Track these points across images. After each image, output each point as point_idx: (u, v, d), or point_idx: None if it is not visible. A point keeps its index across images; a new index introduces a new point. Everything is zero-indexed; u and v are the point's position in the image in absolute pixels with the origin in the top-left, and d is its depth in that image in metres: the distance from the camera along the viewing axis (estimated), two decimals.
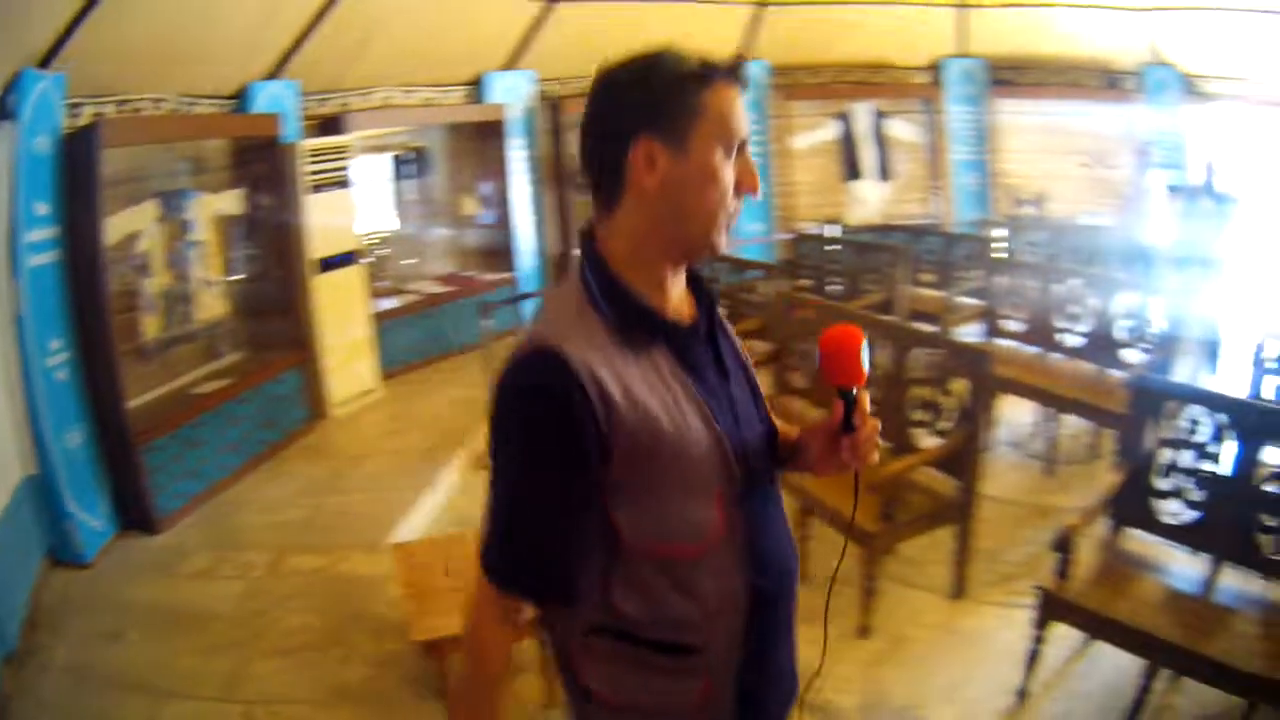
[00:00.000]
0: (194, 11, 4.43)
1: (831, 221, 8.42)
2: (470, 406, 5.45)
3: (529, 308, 7.32)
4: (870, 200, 9.09)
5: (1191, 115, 8.22)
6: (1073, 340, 4.63)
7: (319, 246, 5.49)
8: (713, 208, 1.21)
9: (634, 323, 1.22)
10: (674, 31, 7.01)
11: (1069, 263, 5.62)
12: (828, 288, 6.37)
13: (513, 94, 7.28)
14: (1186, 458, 2.88)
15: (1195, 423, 2.88)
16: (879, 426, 1.32)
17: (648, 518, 1.22)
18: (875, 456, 1.31)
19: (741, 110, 1.22)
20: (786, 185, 8.81)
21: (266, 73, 5.40)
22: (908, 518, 3.29)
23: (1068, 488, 4.31)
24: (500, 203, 7.34)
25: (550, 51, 7.18)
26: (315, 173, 5.42)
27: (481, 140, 7.27)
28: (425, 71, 6.68)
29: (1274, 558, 2.67)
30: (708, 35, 7.57)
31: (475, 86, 7.16)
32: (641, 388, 1.19)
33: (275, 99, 5.41)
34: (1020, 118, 8.62)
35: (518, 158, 7.31)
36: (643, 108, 1.19)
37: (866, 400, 1.30)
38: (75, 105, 4.17)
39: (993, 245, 6.20)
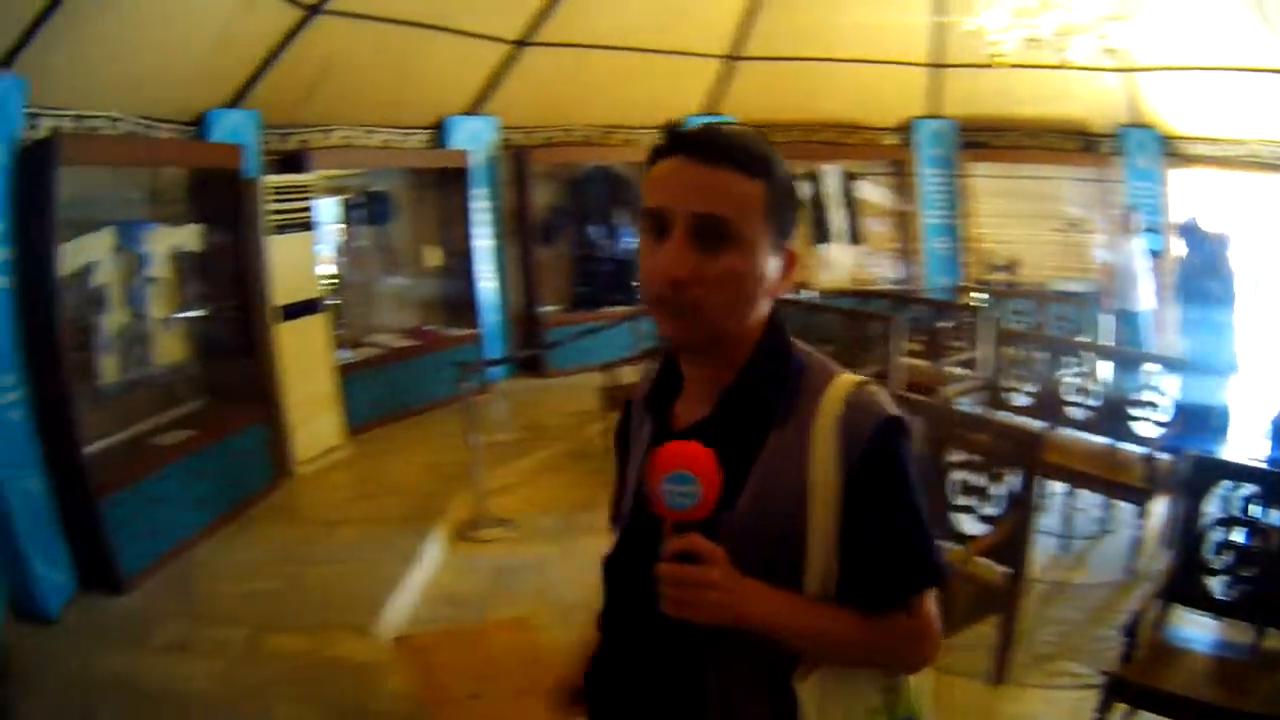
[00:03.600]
0: (153, 26, 4.08)
1: (801, 285, 8.15)
2: (446, 471, 5.03)
3: (499, 373, 6.96)
4: (840, 264, 8.92)
5: (1172, 177, 7.97)
6: (1081, 413, 4.47)
7: (280, 292, 5.04)
8: (643, 291, 1.13)
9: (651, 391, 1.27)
10: (642, 84, 6.88)
11: (1059, 331, 5.62)
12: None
13: (476, 141, 6.98)
14: (1240, 535, 2.77)
15: (1249, 499, 2.75)
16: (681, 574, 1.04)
17: None
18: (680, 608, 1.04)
19: (661, 180, 1.09)
20: None
21: (226, 100, 5.02)
22: (958, 612, 2.99)
23: (1083, 563, 4.16)
24: (462, 254, 6.93)
25: (516, 98, 6.93)
26: (278, 213, 5.00)
27: (442, 188, 6.92)
28: (386, 111, 6.35)
29: None
30: (675, 88, 7.42)
31: (437, 131, 6.86)
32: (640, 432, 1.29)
33: (235, 129, 5.02)
34: (993, 181, 8.53)
35: (480, 208, 6.96)
36: None
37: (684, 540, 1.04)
38: (32, 116, 3.71)
39: (981, 314, 5.98)
